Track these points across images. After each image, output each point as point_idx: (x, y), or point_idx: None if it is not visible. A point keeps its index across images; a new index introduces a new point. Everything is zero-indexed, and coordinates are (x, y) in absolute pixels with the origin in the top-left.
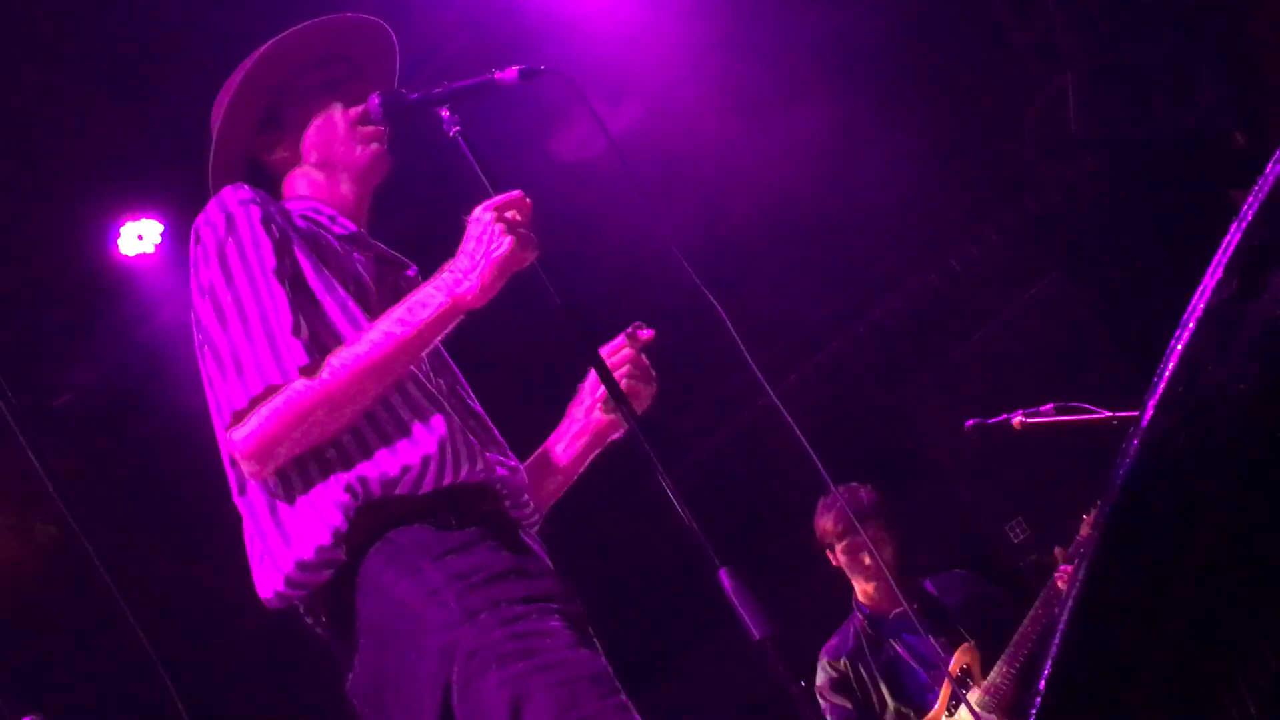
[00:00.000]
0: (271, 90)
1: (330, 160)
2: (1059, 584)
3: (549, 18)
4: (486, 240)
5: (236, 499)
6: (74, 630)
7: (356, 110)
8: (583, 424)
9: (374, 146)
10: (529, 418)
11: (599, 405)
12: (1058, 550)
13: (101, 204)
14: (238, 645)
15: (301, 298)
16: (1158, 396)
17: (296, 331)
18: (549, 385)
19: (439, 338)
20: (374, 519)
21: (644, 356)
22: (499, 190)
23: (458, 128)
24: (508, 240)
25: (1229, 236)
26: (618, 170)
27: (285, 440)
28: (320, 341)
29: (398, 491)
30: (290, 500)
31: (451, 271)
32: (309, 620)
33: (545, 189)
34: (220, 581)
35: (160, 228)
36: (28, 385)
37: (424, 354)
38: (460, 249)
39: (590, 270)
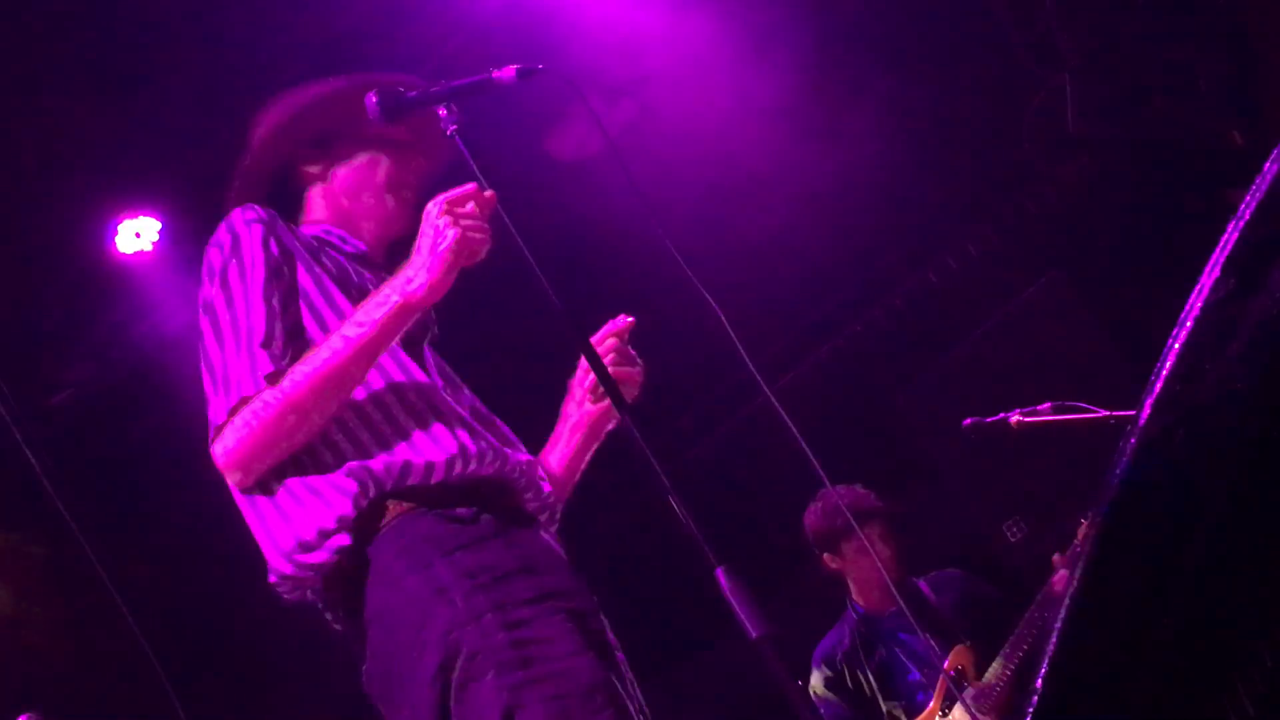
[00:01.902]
0: (337, 119)
1: (357, 199)
2: (1055, 588)
3: (547, 17)
4: (433, 235)
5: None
6: (72, 627)
7: (406, 178)
8: (577, 418)
9: (404, 214)
10: (527, 416)
11: (589, 395)
12: (1055, 557)
13: (99, 202)
14: (237, 642)
15: (301, 310)
16: (1155, 395)
17: (266, 343)
18: (548, 383)
19: (395, 337)
20: (388, 510)
21: (627, 345)
22: (497, 189)
23: (455, 126)
24: (452, 234)
25: (1227, 235)
26: (615, 169)
27: (258, 449)
28: None
29: (410, 482)
30: (296, 488)
31: (404, 270)
32: (328, 616)
33: (543, 187)
34: (219, 578)
35: (158, 225)
36: (25, 383)
37: (381, 353)
38: (414, 245)
39: (588, 268)
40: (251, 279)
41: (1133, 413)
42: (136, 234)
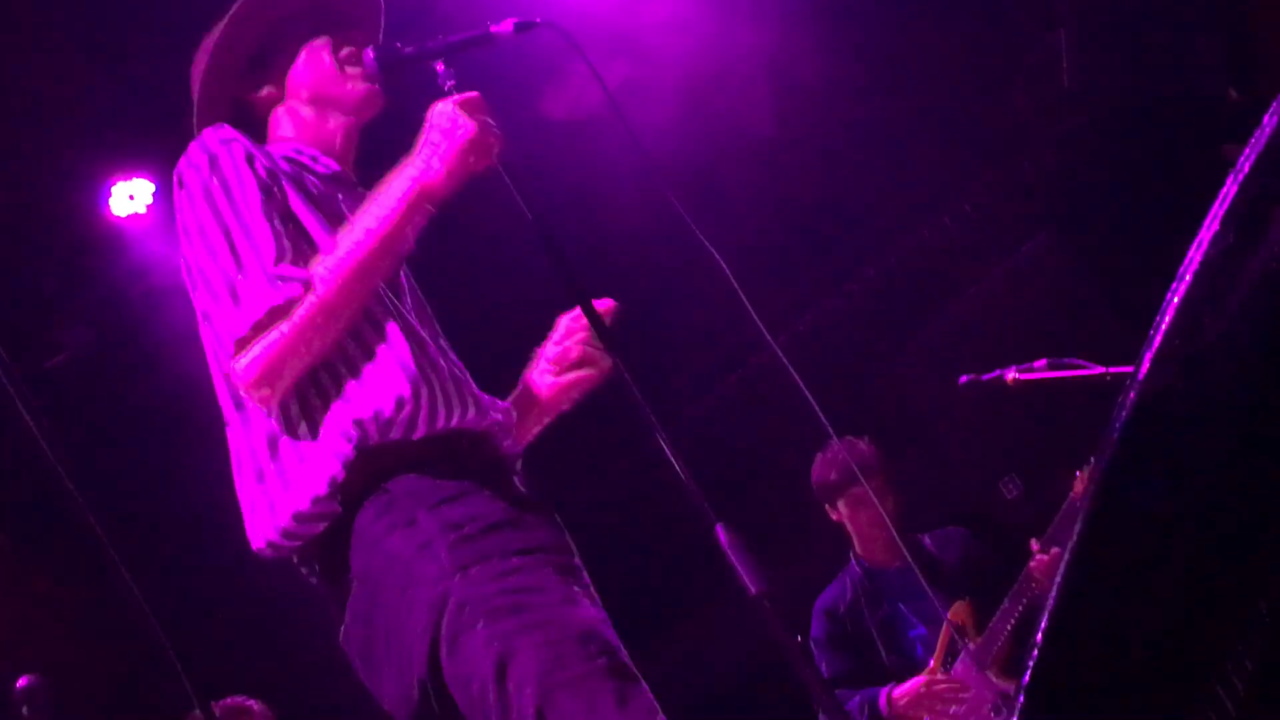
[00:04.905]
0: (258, 35)
1: (319, 96)
2: (1034, 574)
3: None
4: (450, 128)
5: (234, 451)
6: (71, 592)
7: (347, 51)
8: (536, 390)
9: (365, 84)
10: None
11: (552, 367)
12: (1033, 542)
13: (91, 165)
14: (238, 602)
15: (292, 230)
16: (1155, 349)
17: (283, 255)
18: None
19: (414, 229)
20: (370, 469)
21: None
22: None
23: (453, 82)
24: (470, 125)
25: (1226, 188)
26: (615, 125)
27: (291, 358)
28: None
29: (394, 435)
30: (289, 452)
31: (414, 159)
32: (303, 570)
33: (541, 143)
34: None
35: (151, 187)
36: (21, 347)
37: (403, 248)
38: (422, 140)
39: (589, 225)
40: (243, 197)
41: (1129, 369)
42: (130, 196)
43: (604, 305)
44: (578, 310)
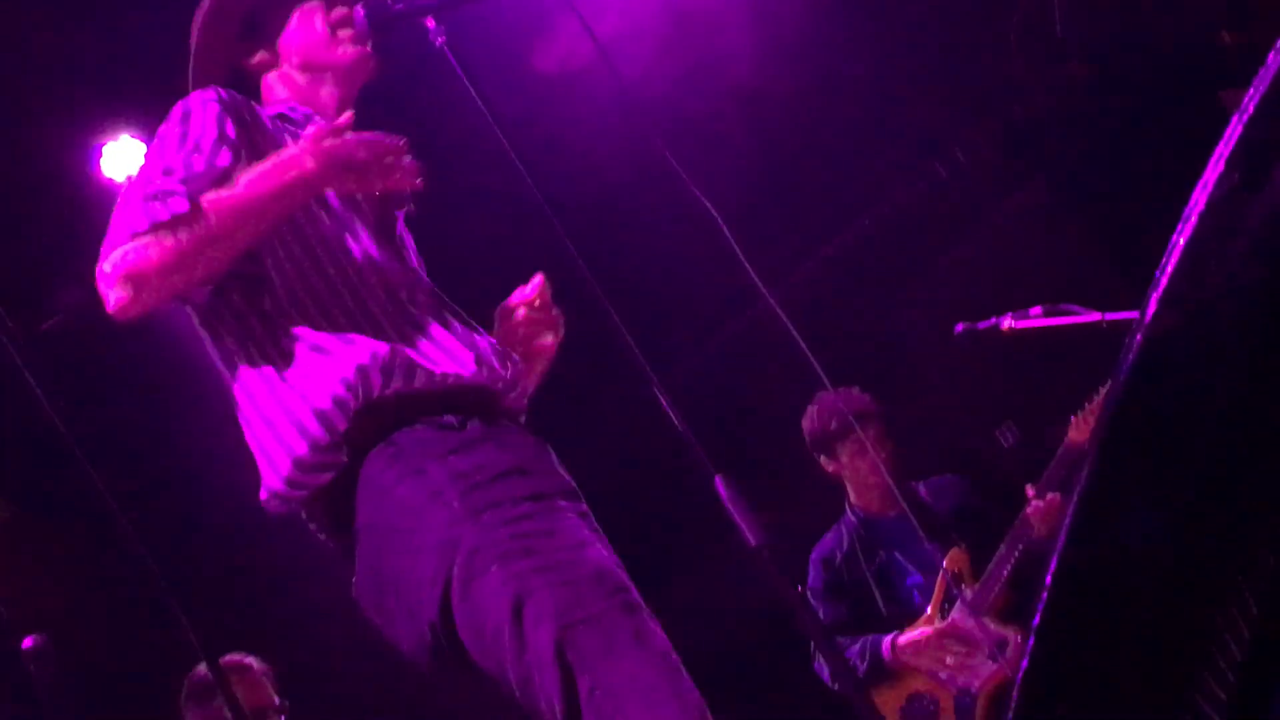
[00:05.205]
0: (251, 3)
1: (311, 62)
2: (1031, 520)
3: None
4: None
5: (237, 404)
6: (74, 552)
7: (339, 13)
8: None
9: (357, 47)
10: None
11: (519, 323)
12: (1029, 488)
13: (82, 126)
14: (242, 554)
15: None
16: (1160, 292)
17: (187, 181)
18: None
19: (302, 201)
20: (376, 420)
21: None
22: (486, 101)
23: (443, 38)
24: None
25: (1231, 129)
26: (606, 79)
27: (162, 269)
28: None
29: (394, 385)
30: (287, 400)
31: (309, 147)
32: (312, 526)
33: (533, 97)
34: (222, 491)
35: (143, 148)
36: (16, 310)
37: (293, 208)
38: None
39: (582, 179)
40: (196, 133)
41: (1125, 314)
42: (121, 157)
43: (534, 289)
44: (506, 305)
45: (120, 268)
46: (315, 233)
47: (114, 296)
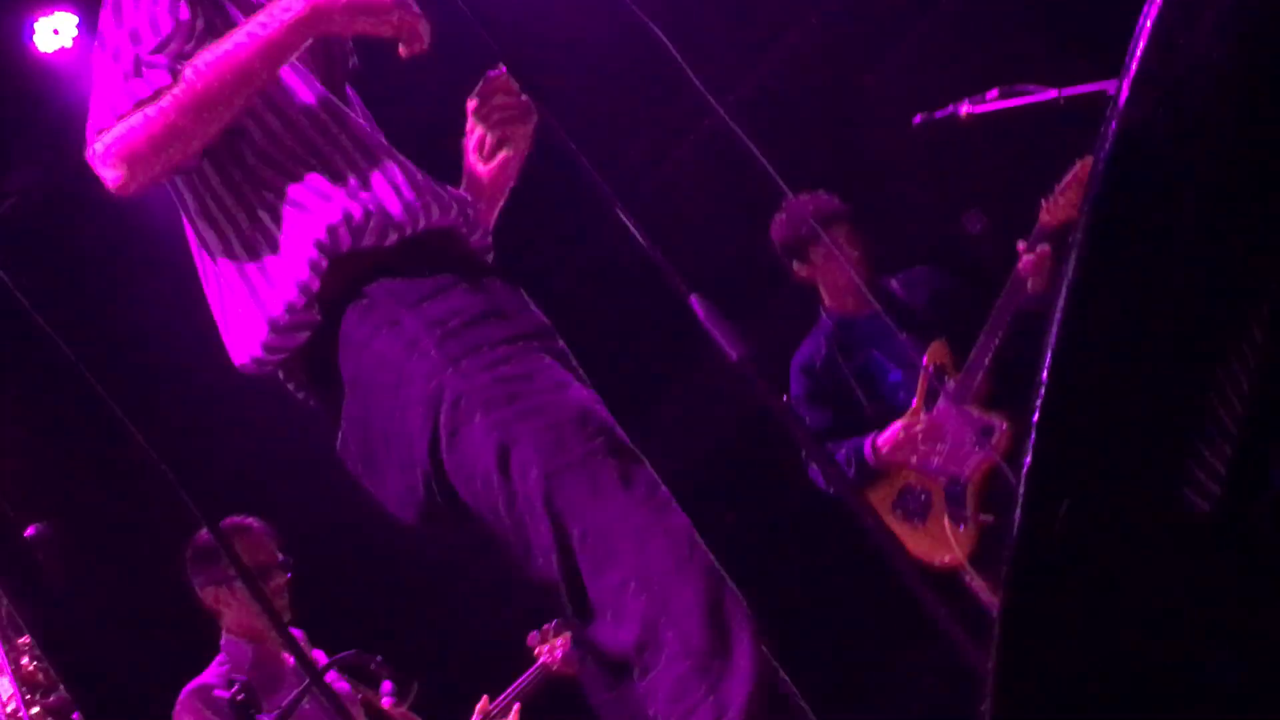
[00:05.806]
0: None
1: None
2: (1022, 272)
3: None
4: None
5: (201, 270)
6: (62, 434)
7: None
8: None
9: None
10: None
11: (478, 157)
12: (1020, 244)
13: (10, 2)
14: (227, 424)
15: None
16: (1132, 75)
17: (164, 47)
18: None
19: (303, 42)
20: (345, 275)
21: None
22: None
23: None
24: None
25: None
26: None
27: (155, 141)
28: None
29: (366, 241)
30: (258, 261)
31: None
32: (290, 386)
33: None
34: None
35: (75, 20)
36: None
37: (285, 58)
38: None
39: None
40: (150, 10)
41: (1081, 88)
42: (55, 31)
43: (497, 79)
44: (478, 89)
45: (112, 148)
46: (280, 87)
47: (110, 176)
